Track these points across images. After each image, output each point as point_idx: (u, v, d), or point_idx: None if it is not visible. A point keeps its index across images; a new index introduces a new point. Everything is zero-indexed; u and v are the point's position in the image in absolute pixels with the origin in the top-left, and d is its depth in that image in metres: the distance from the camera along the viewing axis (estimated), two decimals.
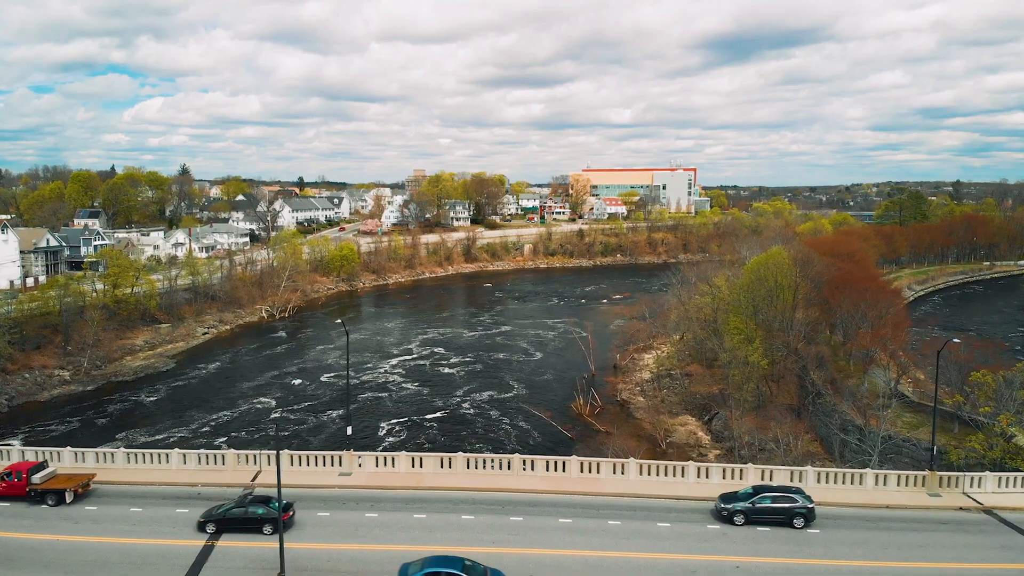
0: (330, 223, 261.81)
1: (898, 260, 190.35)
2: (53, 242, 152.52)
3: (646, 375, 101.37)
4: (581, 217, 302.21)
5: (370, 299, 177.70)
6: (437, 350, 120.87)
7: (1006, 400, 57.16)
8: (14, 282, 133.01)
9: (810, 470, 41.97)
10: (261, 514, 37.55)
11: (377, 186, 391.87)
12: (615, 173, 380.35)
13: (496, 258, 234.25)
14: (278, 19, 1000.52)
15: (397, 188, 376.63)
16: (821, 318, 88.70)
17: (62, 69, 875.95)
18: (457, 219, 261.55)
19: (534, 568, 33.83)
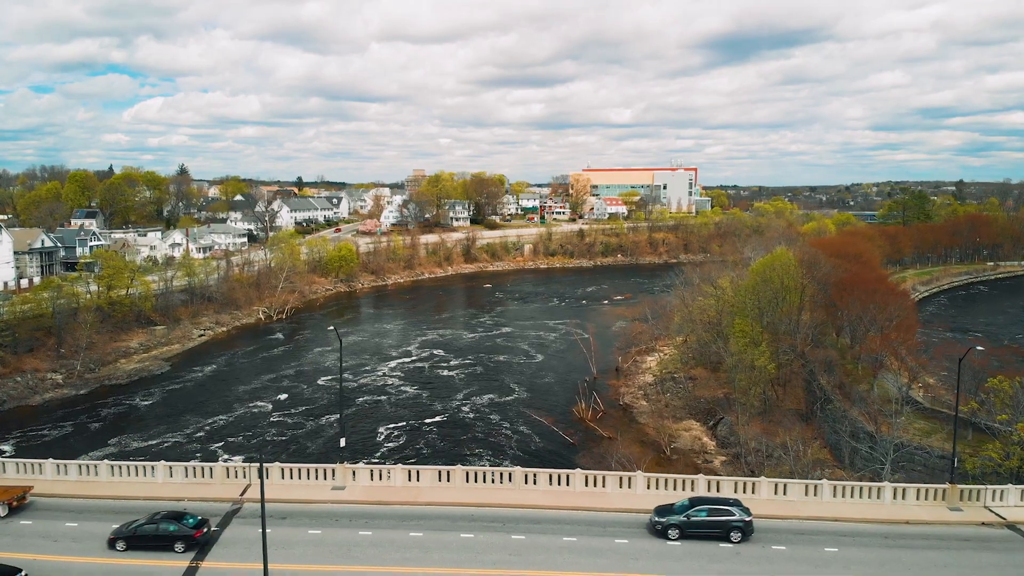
0: (329, 223, 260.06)
1: (901, 260, 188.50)
2: (48, 243, 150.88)
3: (649, 378, 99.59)
4: (581, 217, 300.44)
5: (369, 300, 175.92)
6: (436, 352, 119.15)
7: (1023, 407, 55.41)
8: (8, 283, 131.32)
9: (825, 483, 40.11)
10: (173, 531, 35.78)
11: (376, 186, 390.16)
12: (615, 173, 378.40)
13: (496, 258, 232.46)
14: (278, 19, 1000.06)
15: (396, 188, 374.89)
16: (828, 320, 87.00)
17: (62, 69, 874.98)
18: (457, 219, 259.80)
19: None
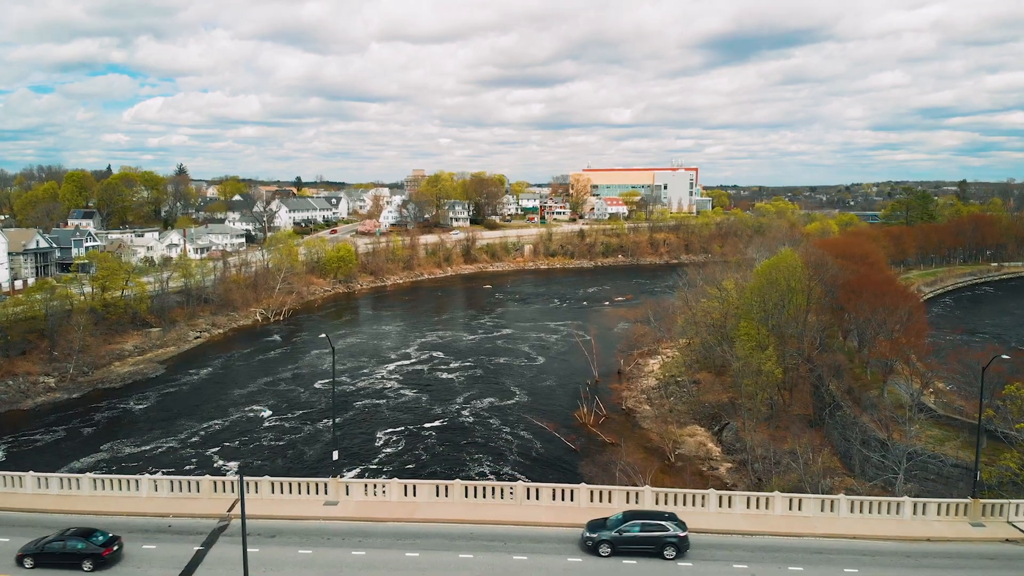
0: (328, 224, 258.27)
1: (905, 261, 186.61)
2: (43, 243, 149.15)
3: (652, 382, 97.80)
4: (582, 217, 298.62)
5: (367, 301, 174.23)
6: (436, 354, 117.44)
7: None
8: (1, 285, 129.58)
9: (842, 498, 38.24)
10: (80, 549, 34.37)
11: (376, 186, 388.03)
12: (616, 173, 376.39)
13: (496, 259, 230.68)
14: (278, 19, 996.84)
15: (396, 188, 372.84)
16: (834, 323, 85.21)
17: (62, 69, 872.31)
18: (456, 219, 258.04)
19: None
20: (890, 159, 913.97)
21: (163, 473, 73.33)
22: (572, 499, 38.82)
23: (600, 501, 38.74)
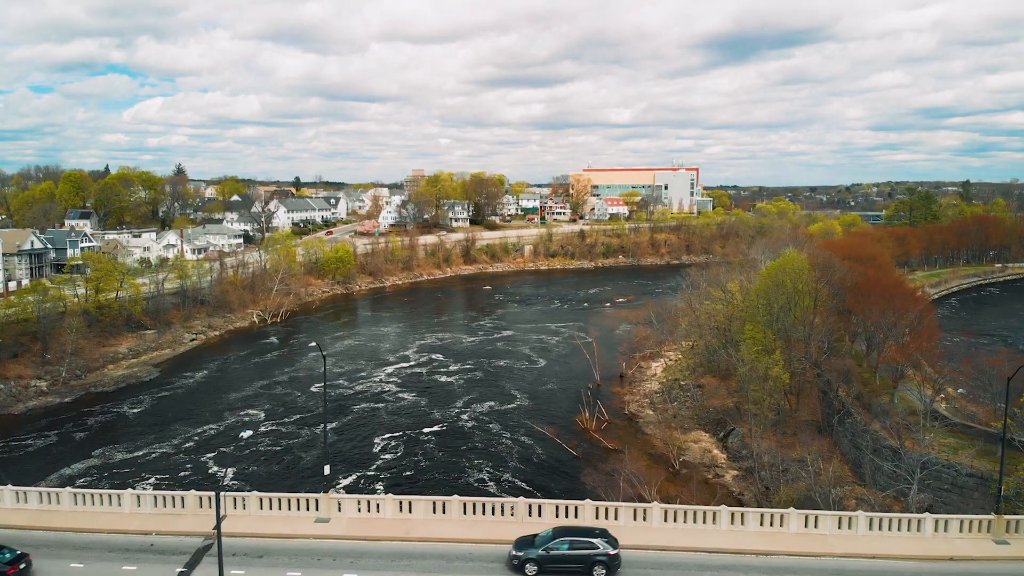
0: (327, 224, 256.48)
1: (908, 262, 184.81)
2: (38, 244, 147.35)
3: (655, 386, 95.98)
4: (582, 218, 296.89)
5: (366, 302, 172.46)
6: (435, 357, 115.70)
7: None
8: None
9: (861, 515, 36.34)
10: None
11: (375, 186, 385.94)
12: (616, 173, 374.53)
13: (496, 260, 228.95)
14: (278, 19, 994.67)
15: (395, 188, 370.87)
16: (841, 327, 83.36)
17: (62, 69, 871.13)
18: (456, 220, 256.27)
19: None
20: (890, 159, 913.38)
21: (157, 478, 71.99)
22: (576, 516, 36.95)
23: (607, 518, 36.88)
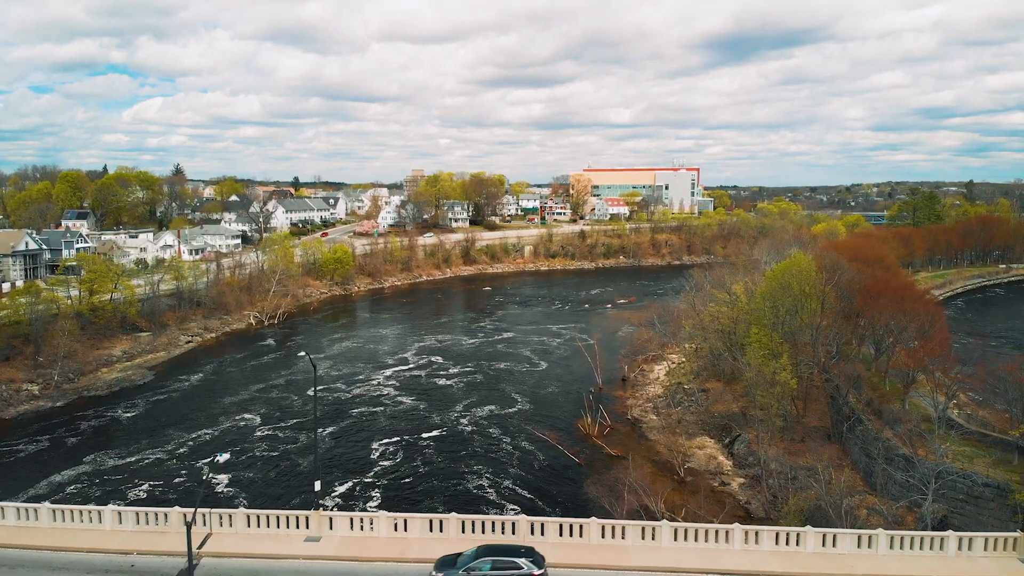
0: (325, 224, 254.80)
1: (912, 263, 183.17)
2: (32, 245, 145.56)
3: (658, 390, 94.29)
4: (582, 218, 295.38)
5: (365, 304, 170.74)
6: (435, 359, 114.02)
7: None
8: None
9: (881, 533, 34.64)
10: None
11: (375, 186, 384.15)
12: (617, 173, 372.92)
13: (495, 260, 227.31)
14: (278, 19, 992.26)
15: (395, 188, 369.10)
16: (849, 330, 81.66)
17: (62, 69, 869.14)
18: (456, 220, 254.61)
19: None
20: (890, 159, 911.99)
21: (151, 485, 70.27)
22: (581, 535, 35.15)
23: (614, 537, 35.03)
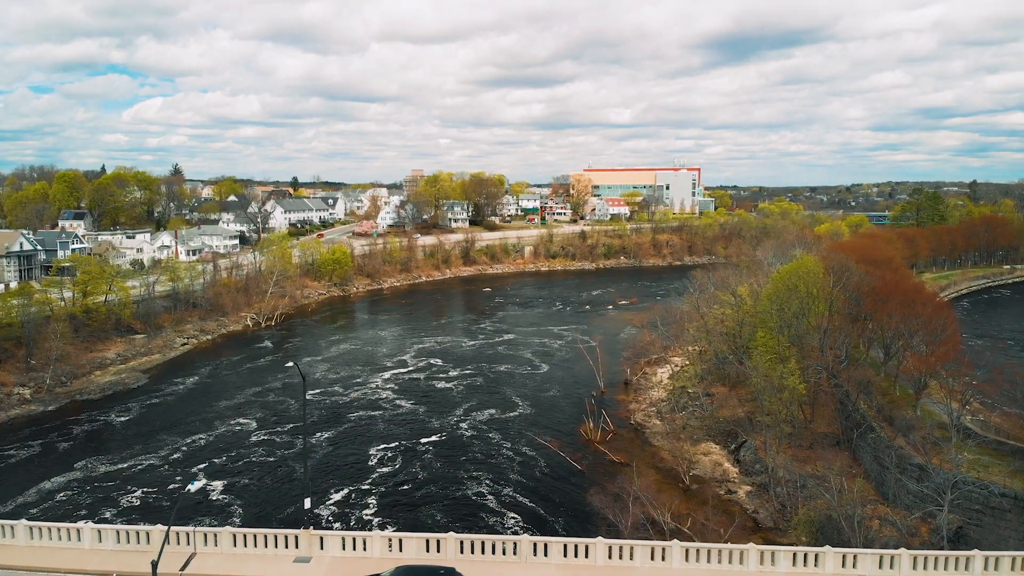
0: (324, 224, 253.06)
1: (916, 264, 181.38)
2: (27, 246, 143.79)
3: (661, 394, 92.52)
4: (583, 218, 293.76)
5: (363, 305, 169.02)
6: (434, 361, 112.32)
7: None
8: None
9: (904, 553, 32.85)
10: None
11: (374, 186, 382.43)
12: (617, 173, 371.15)
13: (495, 261, 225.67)
14: (278, 19, 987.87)
15: (394, 188, 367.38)
16: (856, 334, 79.94)
17: (62, 69, 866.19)
18: (455, 220, 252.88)
19: None
20: (890, 159, 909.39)
21: (144, 491, 68.48)
22: (587, 556, 33.31)
23: (621, 558, 33.30)
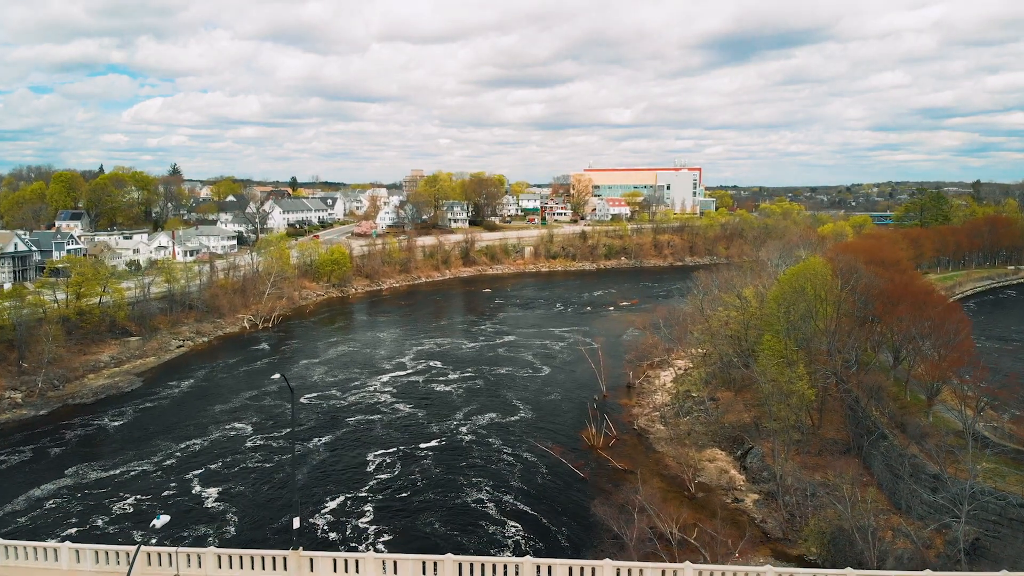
0: (323, 225, 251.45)
1: (920, 265, 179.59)
2: (22, 246, 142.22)
3: (664, 398, 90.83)
4: (583, 218, 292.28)
5: (362, 306, 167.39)
6: (433, 364, 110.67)
7: None
8: None
9: (930, 575, 31.33)
10: None
11: (373, 186, 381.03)
12: (618, 173, 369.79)
13: (495, 261, 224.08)
14: (278, 19, 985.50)
15: (394, 189, 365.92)
16: (864, 337, 78.29)
17: (62, 69, 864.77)
18: (455, 220, 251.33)
19: None
20: (890, 159, 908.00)
21: (137, 498, 66.80)
22: None
23: None
